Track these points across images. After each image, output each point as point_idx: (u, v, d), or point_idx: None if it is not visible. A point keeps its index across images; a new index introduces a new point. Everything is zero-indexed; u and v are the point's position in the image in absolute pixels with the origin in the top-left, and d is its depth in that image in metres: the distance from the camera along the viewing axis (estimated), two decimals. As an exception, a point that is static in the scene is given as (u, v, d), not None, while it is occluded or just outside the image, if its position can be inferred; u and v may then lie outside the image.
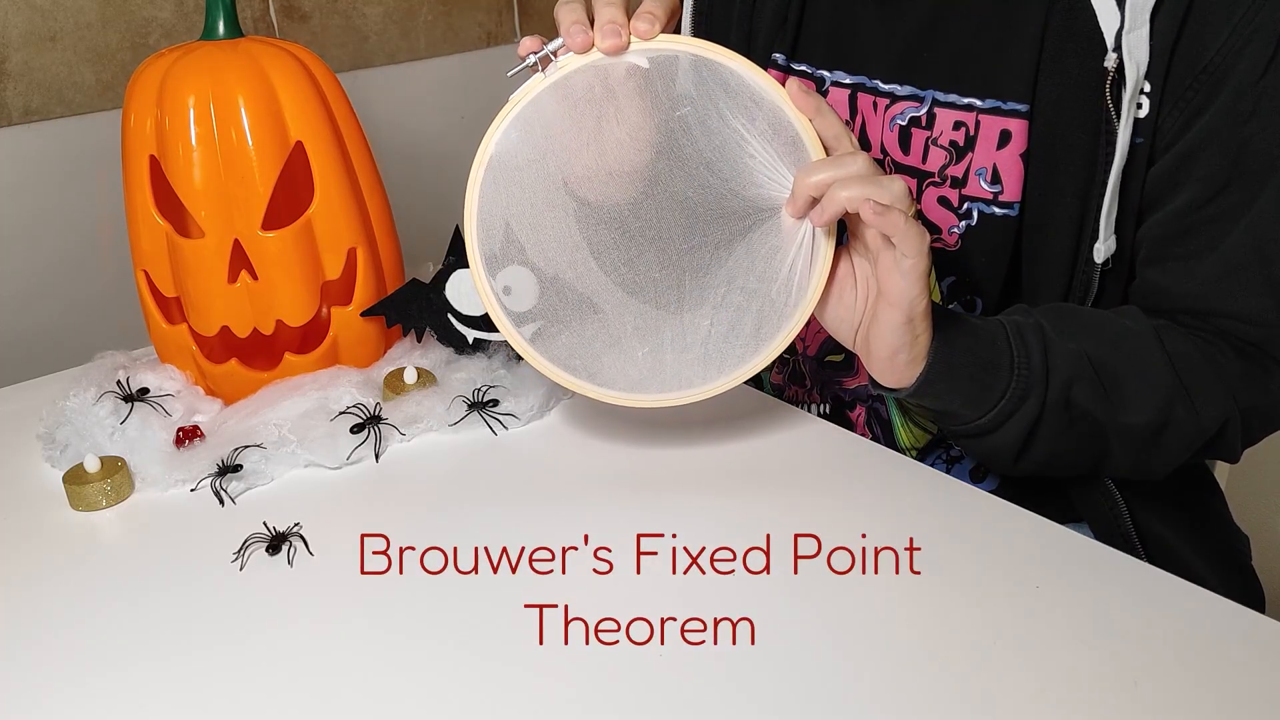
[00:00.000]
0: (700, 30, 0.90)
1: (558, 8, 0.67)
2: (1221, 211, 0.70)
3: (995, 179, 0.75)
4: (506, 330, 0.70)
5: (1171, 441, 0.71)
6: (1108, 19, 0.68)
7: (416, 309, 0.83)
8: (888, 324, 0.66)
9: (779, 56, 0.85)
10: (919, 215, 0.79)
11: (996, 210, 0.76)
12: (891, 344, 0.66)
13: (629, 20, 0.66)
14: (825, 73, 0.83)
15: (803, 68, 0.84)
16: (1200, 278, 0.71)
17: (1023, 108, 0.73)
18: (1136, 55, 0.68)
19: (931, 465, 0.82)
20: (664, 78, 0.66)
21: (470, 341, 0.84)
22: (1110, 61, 0.68)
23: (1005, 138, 0.74)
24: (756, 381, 0.94)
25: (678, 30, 0.92)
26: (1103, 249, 0.72)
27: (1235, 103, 0.67)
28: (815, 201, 0.64)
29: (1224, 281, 0.70)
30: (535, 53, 0.66)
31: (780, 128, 0.66)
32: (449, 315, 0.83)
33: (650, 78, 0.66)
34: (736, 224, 0.67)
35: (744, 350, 0.69)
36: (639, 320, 0.69)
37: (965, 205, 0.77)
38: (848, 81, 0.82)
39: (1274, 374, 0.72)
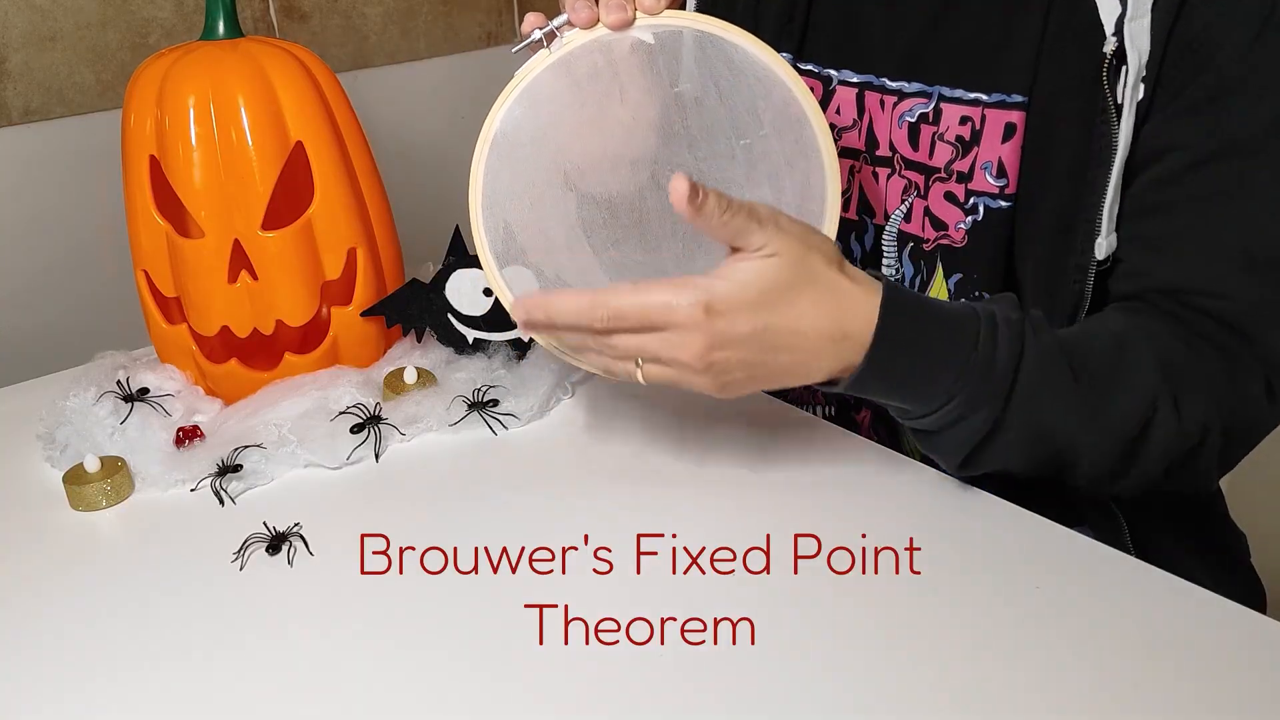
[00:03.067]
0: None
1: None
2: (1200, 188, 0.68)
3: (1000, 172, 0.75)
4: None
5: (1151, 448, 0.68)
6: (1108, 8, 0.68)
7: (416, 309, 0.83)
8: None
9: (785, 56, 0.85)
10: (926, 212, 0.79)
11: (1002, 204, 0.75)
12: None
13: None
14: (832, 71, 0.83)
15: (809, 66, 0.84)
16: (1176, 254, 0.69)
17: (1024, 99, 0.73)
18: (1138, 43, 0.67)
19: (938, 469, 0.82)
20: (668, 54, 0.65)
21: (470, 341, 0.84)
22: (1110, 45, 0.68)
23: (1010, 131, 0.74)
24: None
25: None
26: (1104, 244, 0.71)
27: (1219, 80, 0.67)
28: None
29: (1199, 257, 0.69)
30: (540, 29, 0.65)
31: (784, 110, 0.65)
32: (449, 315, 0.83)
33: (654, 53, 0.65)
34: None
35: None
36: None
37: (971, 200, 0.77)
38: (855, 80, 0.82)
39: (1254, 375, 0.69)
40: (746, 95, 0.64)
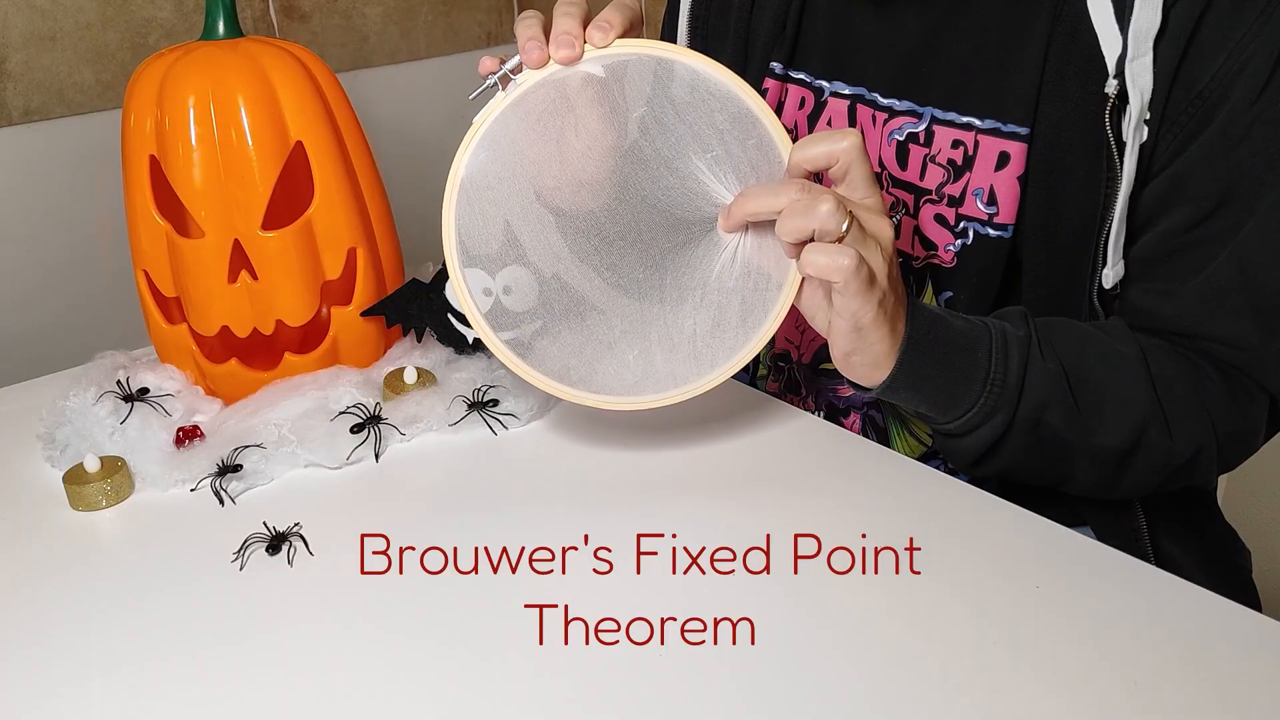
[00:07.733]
0: (696, 38, 0.89)
1: (516, 25, 0.68)
2: (1209, 234, 0.69)
3: (992, 200, 0.75)
4: (502, 354, 0.70)
5: (1141, 464, 0.72)
6: (1110, 44, 0.68)
7: (416, 309, 0.83)
8: (837, 327, 0.66)
9: (776, 65, 0.84)
10: (916, 231, 0.79)
11: (991, 232, 0.75)
12: (843, 346, 0.67)
13: (585, 30, 0.66)
14: (824, 83, 0.83)
15: (801, 76, 0.84)
16: (1184, 300, 0.71)
17: (1023, 131, 0.73)
18: (1140, 83, 0.67)
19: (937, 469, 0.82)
20: (619, 83, 0.67)
21: (470, 341, 0.84)
22: (1111, 88, 0.68)
23: (1004, 160, 0.74)
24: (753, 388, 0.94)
25: (672, 38, 0.92)
26: (1111, 274, 0.72)
27: (1228, 127, 0.67)
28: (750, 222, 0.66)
29: (1207, 305, 0.70)
30: (494, 73, 0.67)
31: (740, 119, 0.66)
32: (449, 315, 0.83)
33: (606, 85, 0.67)
34: (699, 224, 0.68)
35: (735, 340, 0.69)
36: (626, 324, 0.69)
37: (962, 224, 0.77)
38: (847, 92, 0.81)
39: (1255, 398, 0.72)
40: (704, 110, 0.66)
